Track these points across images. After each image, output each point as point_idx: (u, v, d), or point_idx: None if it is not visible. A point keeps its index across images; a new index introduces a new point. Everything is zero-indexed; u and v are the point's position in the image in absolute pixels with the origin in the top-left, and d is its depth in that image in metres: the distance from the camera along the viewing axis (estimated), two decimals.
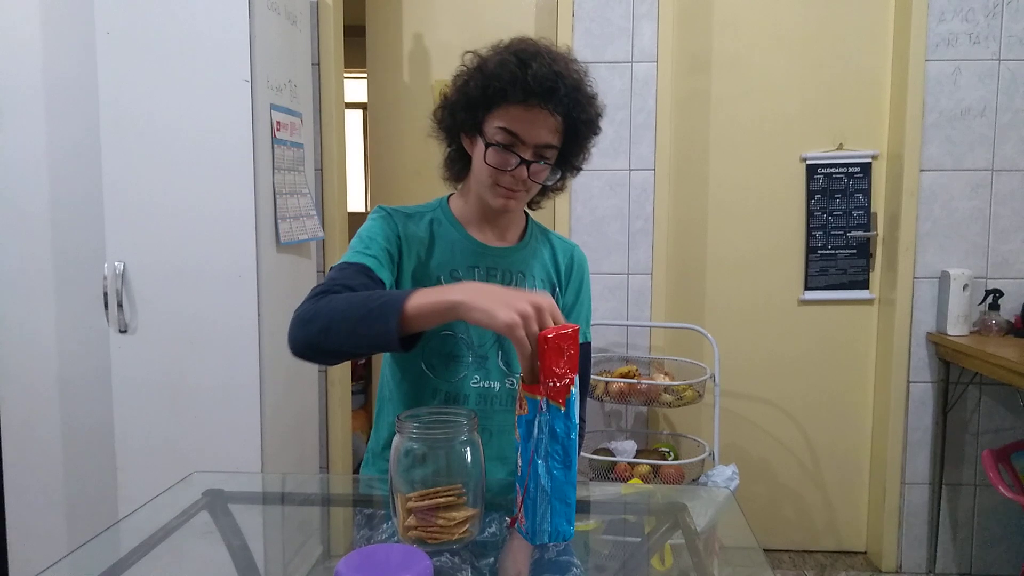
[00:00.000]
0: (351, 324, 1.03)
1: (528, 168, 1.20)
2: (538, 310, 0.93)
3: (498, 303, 0.93)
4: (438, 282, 1.27)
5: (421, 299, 0.99)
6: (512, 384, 1.29)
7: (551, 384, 0.92)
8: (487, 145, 1.20)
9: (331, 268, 1.20)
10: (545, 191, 1.35)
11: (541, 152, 1.21)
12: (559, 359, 0.92)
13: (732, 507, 1.25)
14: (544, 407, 0.93)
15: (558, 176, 1.29)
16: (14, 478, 2.34)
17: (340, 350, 1.08)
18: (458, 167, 1.33)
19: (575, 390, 0.95)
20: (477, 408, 1.25)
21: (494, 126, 1.19)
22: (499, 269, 1.31)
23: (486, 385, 1.27)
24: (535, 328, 0.92)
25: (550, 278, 1.36)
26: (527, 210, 1.42)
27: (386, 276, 1.21)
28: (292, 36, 2.38)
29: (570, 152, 1.27)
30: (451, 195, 1.37)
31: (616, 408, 2.85)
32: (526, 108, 1.17)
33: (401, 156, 2.96)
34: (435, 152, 1.38)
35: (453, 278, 1.27)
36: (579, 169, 1.33)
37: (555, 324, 0.94)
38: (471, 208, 1.32)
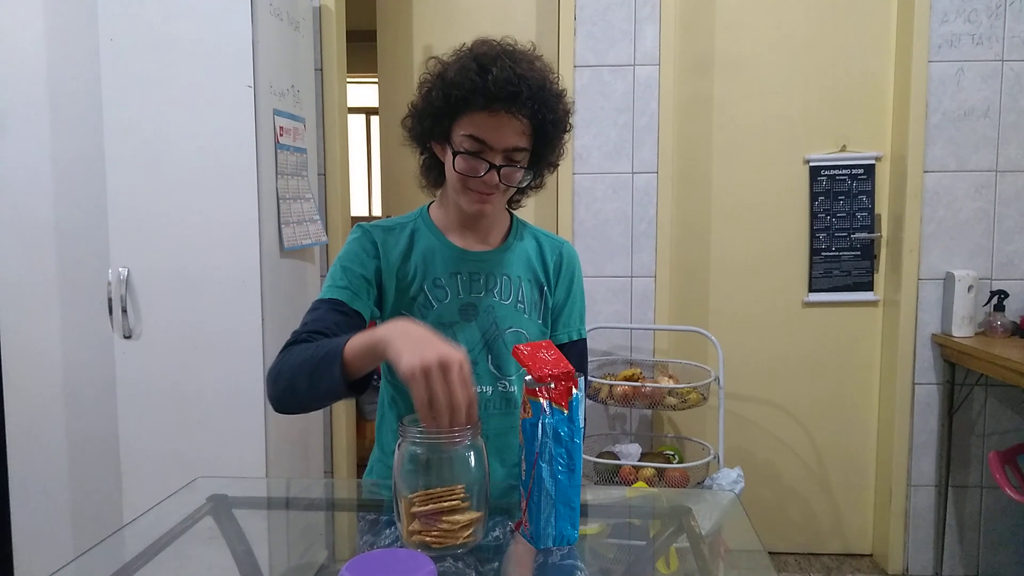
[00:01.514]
0: (307, 378, 1.05)
1: (499, 172, 1.19)
2: (444, 366, 0.90)
3: (408, 348, 0.92)
4: (421, 291, 1.26)
5: (355, 342, 1.01)
6: (504, 387, 1.29)
7: (551, 385, 0.92)
8: (455, 153, 1.19)
9: (313, 302, 1.22)
10: (523, 190, 1.32)
11: (510, 156, 1.19)
12: (542, 359, 0.93)
13: (737, 510, 1.24)
14: (547, 410, 0.93)
15: (532, 176, 1.27)
16: (19, 483, 2.34)
17: (308, 403, 1.11)
18: (434, 174, 1.32)
19: (578, 393, 0.95)
20: None
21: (460, 134, 1.18)
22: (481, 273, 1.29)
23: (478, 390, 1.27)
24: (436, 383, 0.90)
25: (537, 277, 1.34)
26: (511, 210, 1.40)
27: (362, 305, 1.21)
28: (295, 41, 2.39)
29: (542, 152, 1.25)
30: (431, 203, 1.37)
31: (620, 411, 2.85)
32: (490, 114, 1.15)
33: (412, 162, 2.96)
34: None
35: (436, 287, 1.27)
36: (555, 166, 1.31)
37: (463, 382, 0.91)
38: (450, 214, 1.31)
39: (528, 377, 0.96)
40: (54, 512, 2.35)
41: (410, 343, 0.93)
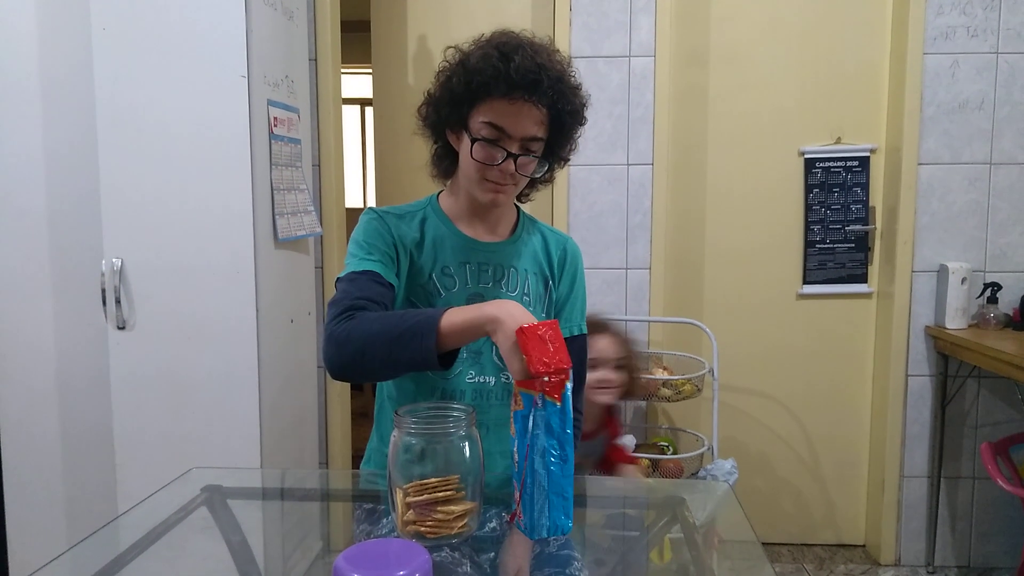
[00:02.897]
0: (387, 345, 1.06)
1: (515, 161, 1.20)
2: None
3: None
4: (430, 280, 1.27)
5: (455, 317, 1.04)
6: (507, 379, 1.29)
7: (545, 379, 0.92)
8: (473, 140, 1.20)
9: (338, 279, 1.21)
10: (534, 183, 1.34)
11: (527, 145, 1.20)
12: (543, 349, 0.93)
13: (731, 501, 1.25)
14: (539, 402, 0.93)
15: (546, 168, 1.29)
16: (13, 475, 2.33)
17: (378, 371, 1.12)
18: (446, 164, 1.33)
19: (571, 384, 0.95)
20: (473, 403, 1.25)
21: (479, 121, 1.19)
22: (490, 264, 1.30)
23: (481, 380, 1.27)
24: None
25: (542, 271, 1.35)
26: (517, 203, 1.41)
27: (393, 279, 1.22)
28: (289, 31, 2.38)
29: (556, 143, 1.26)
30: (441, 192, 1.37)
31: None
32: (510, 102, 1.16)
33: (407, 153, 2.96)
34: None
35: (444, 275, 1.27)
36: (567, 160, 1.33)
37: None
38: (460, 204, 1.32)
39: None
40: (48, 503, 2.34)
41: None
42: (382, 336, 1.06)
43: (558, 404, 0.93)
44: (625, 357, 1.92)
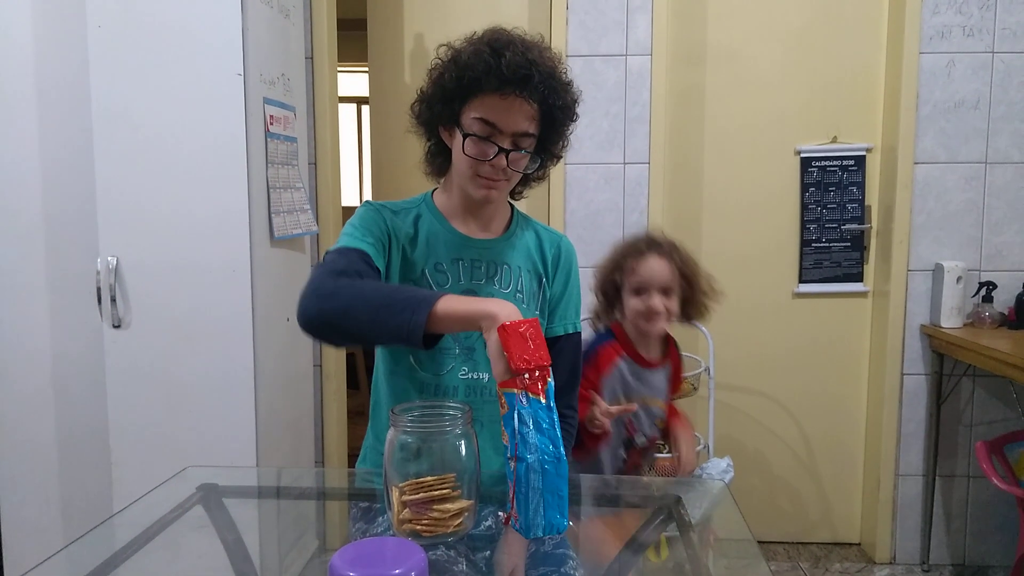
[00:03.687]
0: (376, 309, 1.05)
1: (507, 157, 1.20)
2: None
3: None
4: (422, 275, 1.27)
5: (453, 303, 1.02)
6: None
7: (526, 377, 0.92)
8: (465, 136, 1.20)
9: (328, 251, 1.20)
10: (527, 180, 1.35)
11: (519, 140, 1.21)
12: (524, 346, 0.93)
13: (727, 499, 1.25)
14: (524, 400, 0.93)
15: (538, 164, 1.29)
16: (8, 474, 2.33)
17: (355, 333, 1.10)
18: (439, 161, 1.34)
19: (552, 381, 0.95)
20: (467, 399, 1.25)
21: (471, 116, 1.20)
22: (483, 261, 1.31)
23: (474, 376, 1.28)
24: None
25: (536, 269, 1.36)
26: (511, 201, 1.41)
27: (381, 265, 1.22)
28: (285, 29, 2.37)
29: (548, 139, 1.27)
30: (435, 189, 1.38)
31: None
32: (502, 97, 1.17)
33: (403, 151, 2.96)
34: None
35: (437, 271, 1.28)
36: (559, 157, 1.33)
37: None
38: (454, 201, 1.32)
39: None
40: (44, 502, 2.34)
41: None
42: (373, 298, 1.06)
43: (543, 400, 0.93)
44: (674, 280, 1.75)
